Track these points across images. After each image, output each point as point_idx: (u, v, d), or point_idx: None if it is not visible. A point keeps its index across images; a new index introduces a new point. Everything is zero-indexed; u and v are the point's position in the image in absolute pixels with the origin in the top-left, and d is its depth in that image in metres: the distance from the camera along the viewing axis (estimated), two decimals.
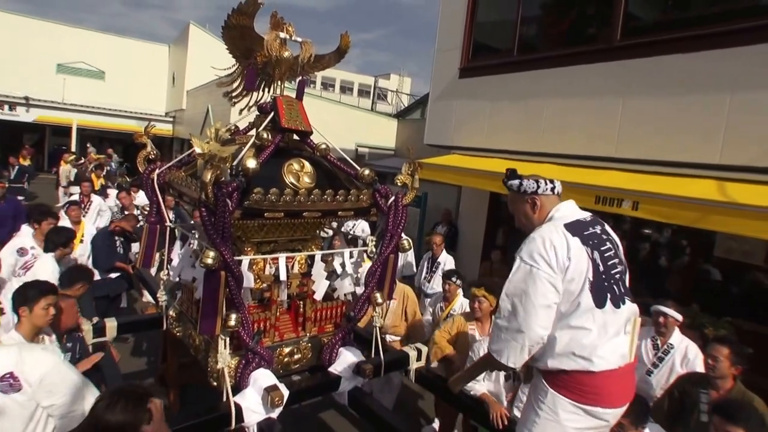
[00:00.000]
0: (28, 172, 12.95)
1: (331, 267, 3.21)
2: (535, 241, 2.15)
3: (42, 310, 2.89)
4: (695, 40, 5.16)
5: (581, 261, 2.12)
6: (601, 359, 2.08)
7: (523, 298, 2.10)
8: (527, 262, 2.13)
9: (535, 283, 2.08)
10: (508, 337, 2.14)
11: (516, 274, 2.16)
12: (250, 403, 2.55)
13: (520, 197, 2.37)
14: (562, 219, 2.24)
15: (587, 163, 6.17)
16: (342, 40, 3.37)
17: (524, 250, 2.17)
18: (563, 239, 2.13)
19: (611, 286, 2.18)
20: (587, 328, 2.09)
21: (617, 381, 2.15)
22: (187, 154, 3.44)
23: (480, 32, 8.18)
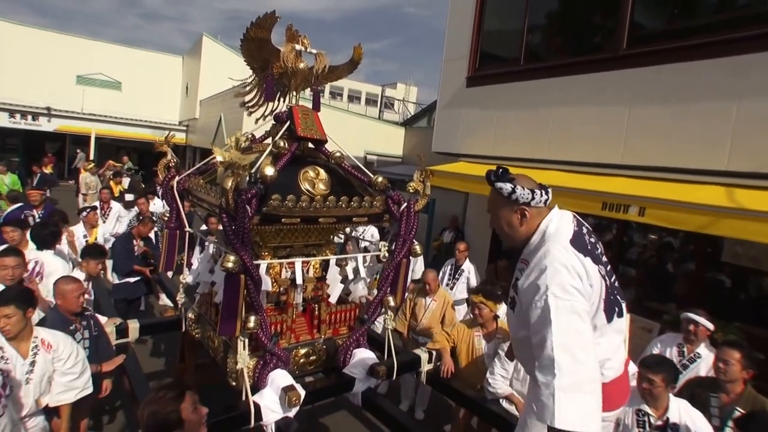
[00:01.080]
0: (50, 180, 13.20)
1: (344, 272, 3.31)
2: (560, 272, 1.88)
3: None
4: (702, 48, 5.20)
5: (597, 283, 1.97)
6: (610, 369, 2.04)
7: (579, 340, 1.80)
8: (564, 298, 1.84)
9: (582, 319, 1.84)
10: (585, 394, 1.76)
11: (558, 315, 1.81)
12: (268, 402, 2.64)
13: (508, 204, 2.09)
14: (562, 235, 2.02)
15: (594, 170, 6.23)
16: (355, 52, 3.49)
17: (554, 286, 1.85)
18: (580, 263, 1.92)
19: (616, 299, 2.09)
20: (599, 344, 1.98)
21: (621, 384, 2.14)
22: (205, 162, 3.56)
23: (487, 42, 8.27)
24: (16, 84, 20.42)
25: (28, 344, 3.01)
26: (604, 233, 7.48)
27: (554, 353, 1.78)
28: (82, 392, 3.25)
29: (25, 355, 2.97)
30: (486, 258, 8.62)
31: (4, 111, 19.92)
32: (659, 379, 2.93)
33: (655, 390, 2.94)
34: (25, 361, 2.96)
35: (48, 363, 3.06)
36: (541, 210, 2.08)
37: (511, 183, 2.06)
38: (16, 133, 21.87)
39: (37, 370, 2.99)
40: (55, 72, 21.58)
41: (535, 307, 1.89)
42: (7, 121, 20.19)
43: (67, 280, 3.67)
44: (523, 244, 2.15)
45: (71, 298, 3.55)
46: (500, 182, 2.08)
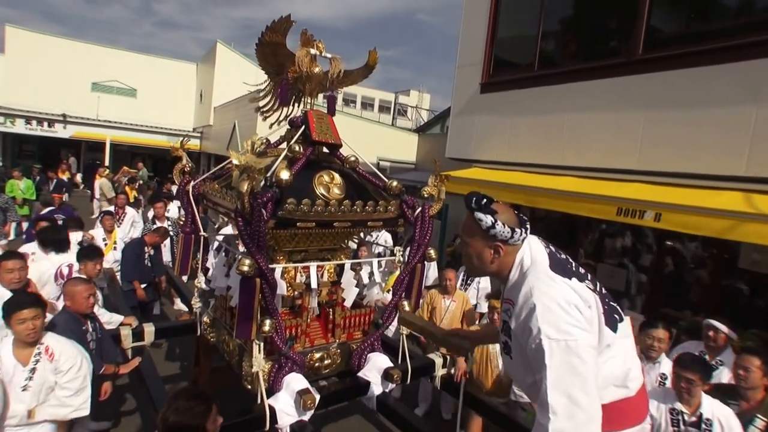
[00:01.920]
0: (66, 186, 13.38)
1: (359, 276, 3.31)
2: (550, 309, 1.77)
3: (19, 325, 2.88)
4: (719, 52, 5.15)
5: (592, 302, 1.87)
6: (634, 381, 1.97)
7: (577, 382, 1.71)
8: (559, 338, 1.73)
9: (581, 357, 1.72)
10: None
11: (553, 358, 1.72)
12: (284, 406, 2.64)
13: (484, 237, 1.94)
14: (540, 264, 1.91)
15: (609, 175, 6.18)
16: (370, 56, 3.50)
17: (547, 326, 1.75)
18: (570, 290, 1.83)
19: (613, 308, 2.00)
20: (613, 356, 1.91)
21: (644, 393, 2.07)
22: (220, 167, 3.58)
23: (501, 48, 8.27)
24: (33, 91, 20.78)
25: (32, 351, 2.97)
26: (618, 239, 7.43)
27: (549, 397, 1.71)
28: (76, 412, 3.16)
29: (25, 362, 2.93)
30: None
31: (20, 118, 20.23)
32: (697, 377, 3.03)
33: (693, 388, 3.03)
34: (25, 368, 2.92)
35: (48, 372, 3.00)
36: (515, 247, 1.96)
37: (492, 216, 1.90)
38: (32, 140, 22.24)
39: (36, 377, 2.94)
40: (70, 79, 21.93)
41: (531, 350, 1.80)
42: (23, 128, 20.51)
43: (75, 282, 3.70)
44: (501, 280, 2.07)
45: (80, 299, 3.57)
46: (480, 213, 1.92)
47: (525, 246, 1.97)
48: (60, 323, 3.48)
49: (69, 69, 21.90)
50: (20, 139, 22.14)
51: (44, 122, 20.78)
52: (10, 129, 20.32)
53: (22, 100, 20.23)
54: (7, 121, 19.97)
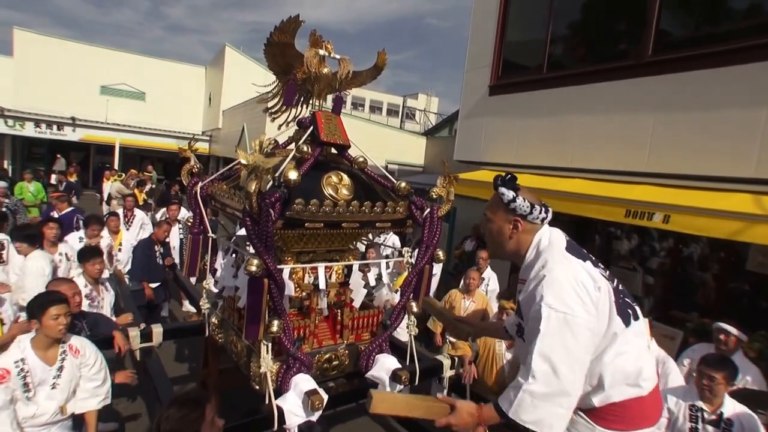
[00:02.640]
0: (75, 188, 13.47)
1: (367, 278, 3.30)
2: (560, 282, 1.82)
3: (51, 321, 2.87)
4: (729, 54, 5.11)
5: (605, 287, 1.90)
6: (647, 381, 1.94)
7: (563, 355, 1.75)
8: (559, 309, 1.78)
9: (574, 335, 1.76)
10: (548, 404, 1.76)
11: (548, 325, 1.77)
12: (291, 406, 2.64)
13: (505, 211, 2.04)
14: (556, 245, 1.99)
15: (618, 177, 6.15)
16: (379, 57, 3.50)
17: (550, 296, 1.80)
18: (583, 270, 1.88)
19: (626, 302, 2.00)
20: (626, 352, 1.90)
21: (656, 397, 2.04)
22: (228, 168, 3.59)
23: (510, 50, 8.25)
24: (42, 94, 20.91)
25: (57, 350, 2.97)
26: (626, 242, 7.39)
27: (533, 360, 1.77)
28: (104, 401, 3.22)
29: (52, 362, 2.93)
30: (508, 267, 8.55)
31: (30, 121, 20.30)
32: (721, 376, 3.05)
33: (715, 387, 3.05)
34: (52, 367, 2.92)
35: (76, 368, 3.04)
36: (534, 226, 2.04)
37: (514, 191, 2.01)
38: (41, 143, 22.32)
39: (65, 375, 2.96)
40: (79, 82, 22.07)
41: (531, 317, 1.86)
42: (32, 131, 20.58)
43: (59, 282, 3.66)
44: (519, 261, 2.11)
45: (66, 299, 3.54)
46: (504, 188, 2.04)
47: (545, 229, 2.05)
48: None
49: (78, 72, 22.04)
50: (29, 142, 22.23)
51: (53, 125, 20.84)
52: (20, 132, 20.40)
53: (31, 103, 20.33)
54: (16, 124, 20.05)
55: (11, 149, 21.54)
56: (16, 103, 20.19)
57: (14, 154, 21.83)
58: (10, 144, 21.34)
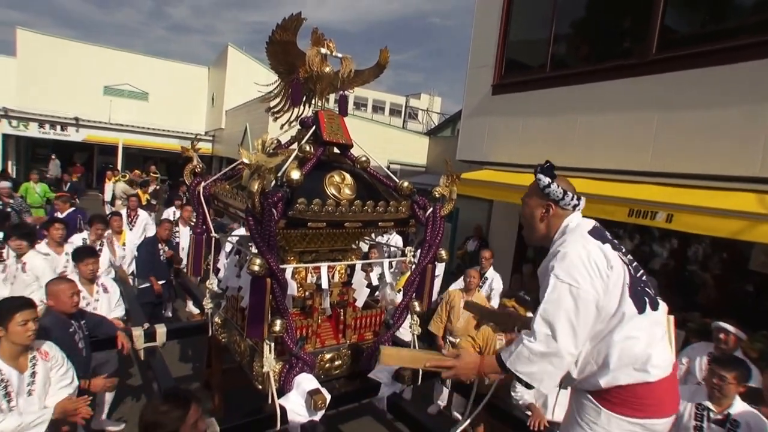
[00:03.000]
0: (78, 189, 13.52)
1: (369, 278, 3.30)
2: (571, 258, 1.97)
3: (19, 327, 2.74)
4: (733, 51, 5.09)
5: (619, 268, 2.00)
6: (656, 368, 1.97)
7: (563, 322, 1.91)
8: (565, 281, 1.93)
9: (576, 305, 1.91)
10: (544, 362, 1.94)
11: (553, 293, 1.94)
12: (294, 406, 2.64)
13: (539, 196, 2.20)
14: (581, 227, 2.11)
15: (621, 177, 6.13)
16: (381, 55, 3.48)
17: (559, 268, 1.97)
18: (599, 250, 1.99)
19: (645, 290, 2.07)
20: (636, 337, 1.97)
21: (670, 387, 2.06)
22: (231, 168, 3.59)
23: (513, 49, 8.23)
24: (45, 94, 20.91)
25: (27, 356, 2.85)
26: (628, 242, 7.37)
27: (535, 324, 1.97)
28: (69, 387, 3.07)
29: (23, 369, 2.81)
30: (510, 266, 8.55)
31: (33, 121, 20.32)
32: (731, 376, 3.02)
33: (725, 387, 3.03)
34: (25, 374, 2.81)
35: (47, 371, 2.94)
36: (565, 212, 2.17)
37: (550, 177, 2.17)
38: (45, 143, 22.35)
39: (38, 380, 2.86)
40: (83, 82, 22.07)
41: (542, 288, 2.02)
42: (36, 132, 20.60)
43: (58, 281, 3.62)
44: (547, 245, 2.21)
45: (64, 298, 3.46)
46: (541, 174, 2.19)
47: (575, 215, 2.18)
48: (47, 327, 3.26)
49: (81, 72, 22.05)
50: (33, 142, 22.28)
51: (57, 126, 20.84)
52: (24, 133, 20.44)
53: (34, 103, 20.34)
54: (20, 125, 20.08)
55: (15, 150, 21.56)
56: (19, 103, 20.22)
57: (18, 155, 21.86)
58: (14, 145, 21.34)
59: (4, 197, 8.85)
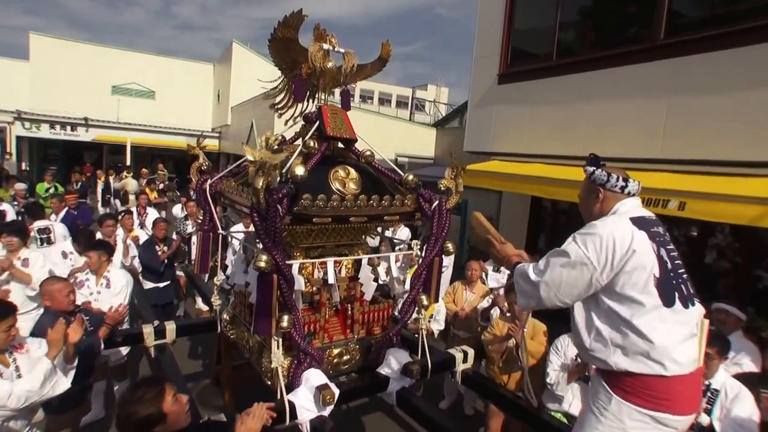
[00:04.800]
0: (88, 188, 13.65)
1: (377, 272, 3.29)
2: (597, 232, 2.06)
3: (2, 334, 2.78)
4: (744, 34, 4.97)
5: (645, 254, 2.02)
6: (674, 363, 1.96)
7: (559, 267, 2.09)
8: (580, 245, 2.07)
9: (575, 263, 2.05)
10: (528, 285, 2.20)
11: (565, 246, 2.12)
12: (303, 401, 2.64)
13: (590, 184, 2.32)
14: (628, 213, 2.16)
15: (631, 165, 6.04)
16: (383, 49, 3.46)
17: (584, 232, 2.11)
18: (628, 232, 2.04)
19: (679, 285, 2.08)
20: (655, 328, 1.97)
21: (688, 386, 2.04)
22: (237, 164, 3.58)
23: (518, 37, 8.13)
24: (56, 96, 21.14)
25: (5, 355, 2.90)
26: None
27: (544, 257, 2.19)
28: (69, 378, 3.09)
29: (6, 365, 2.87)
30: None
31: (45, 123, 20.56)
32: (714, 351, 3.07)
33: (710, 362, 3.06)
34: (10, 368, 2.86)
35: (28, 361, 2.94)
36: (617, 195, 2.24)
37: (594, 166, 2.32)
38: (56, 144, 22.58)
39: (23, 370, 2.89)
40: (91, 83, 22.26)
41: None
42: (47, 133, 20.83)
43: (53, 280, 3.62)
44: None
45: (60, 297, 3.48)
46: (588, 165, 2.35)
47: (630, 201, 2.23)
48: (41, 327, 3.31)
49: (89, 73, 22.24)
50: (45, 143, 22.50)
51: (67, 126, 21.04)
52: (36, 134, 20.69)
53: (46, 105, 20.59)
54: (33, 127, 20.33)
55: (28, 151, 21.82)
56: (32, 105, 20.49)
57: (31, 156, 22.12)
58: (27, 146, 21.61)
59: (20, 198, 8.96)
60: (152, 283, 6.16)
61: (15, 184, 9.74)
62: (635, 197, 2.26)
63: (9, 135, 20.06)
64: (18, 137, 20.41)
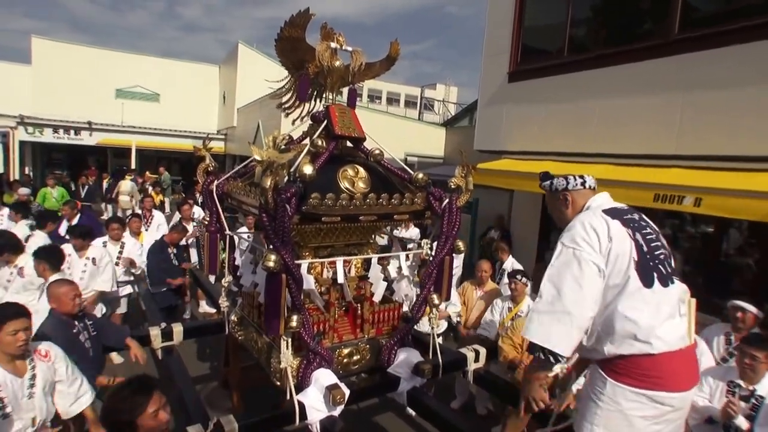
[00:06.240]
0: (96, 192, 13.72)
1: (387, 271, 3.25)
2: (575, 227, 2.16)
3: (9, 336, 2.68)
4: (759, 29, 4.92)
5: (623, 241, 2.10)
6: (660, 340, 2.03)
7: (568, 281, 2.06)
8: (569, 245, 2.12)
9: (580, 265, 2.06)
10: (552, 320, 2.06)
11: (558, 258, 2.13)
12: (313, 401, 2.61)
13: (554, 196, 2.43)
14: (600, 206, 2.26)
15: (645, 161, 5.98)
16: (392, 48, 3.43)
17: (565, 237, 2.17)
18: (603, 222, 2.13)
19: (656, 266, 2.14)
20: (639, 309, 2.04)
21: (679, 363, 2.09)
22: (243, 165, 3.56)
23: (528, 35, 8.08)
24: (59, 100, 21.02)
25: (25, 360, 2.81)
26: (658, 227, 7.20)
27: (543, 285, 2.13)
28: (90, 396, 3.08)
29: (22, 373, 2.77)
30: (534, 255, 8.45)
31: (48, 127, 20.46)
32: (763, 355, 3.09)
33: (757, 366, 3.10)
34: (24, 377, 2.77)
35: (48, 373, 2.88)
36: (582, 192, 2.36)
37: (549, 179, 2.44)
38: (60, 148, 22.53)
39: (38, 381, 2.81)
40: (95, 86, 22.12)
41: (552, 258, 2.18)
42: (51, 137, 20.72)
43: (59, 283, 3.55)
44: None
45: (66, 300, 3.41)
46: (543, 182, 2.48)
47: (599, 196, 2.36)
48: (49, 330, 3.26)
49: (93, 76, 22.09)
50: (48, 148, 22.42)
51: (71, 130, 20.92)
52: (39, 138, 20.61)
53: (49, 109, 20.47)
54: (36, 131, 20.26)
55: (32, 156, 21.78)
56: (35, 110, 20.36)
57: (34, 161, 22.07)
58: (30, 150, 21.55)
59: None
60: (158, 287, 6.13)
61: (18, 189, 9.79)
62: (605, 193, 2.38)
63: (12, 140, 19.97)
64: (21, 142, 20.31)
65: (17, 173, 18.61)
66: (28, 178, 15.82)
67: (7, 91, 20.13)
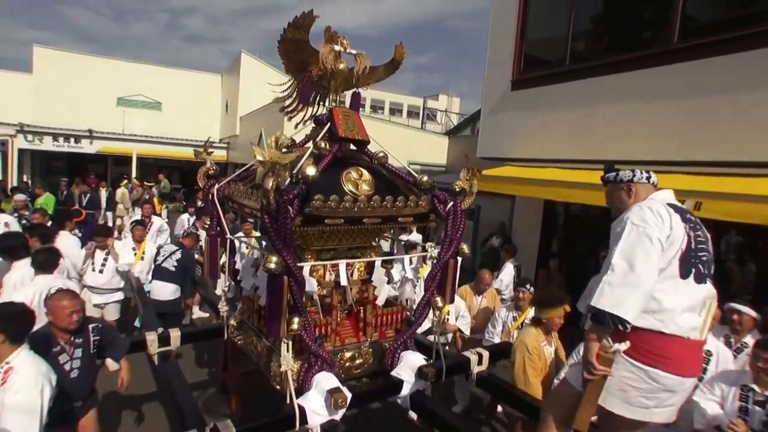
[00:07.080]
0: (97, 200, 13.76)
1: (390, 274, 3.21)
2: (643, 209, 2.26)
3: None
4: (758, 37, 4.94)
5: (679, 232, 2.23)
6: (675, 324, 2.17)
7: (640, 256, 2.15)
8: (638, 224, 2.21)
9: (651, 241, 2.16)
10: (624, 291, 2.13)
11: (630, 235, 2.21)
12: (314, 405, 2.57)
13: (617, 186, 2.54)
14: (664, 200, 2.37)
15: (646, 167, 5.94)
16: (396, 51, 3.41)
17: (634, 216, 2.25)
18: (666, 211, 2.25)
19: (696, 264, 2.26)
20: (667, 293, 2.18)
21: (685, 350, 2.22)
22: (245, 168, 3.53)
23: (531, 43, 8.11)
24: (60, 108, 21.10)
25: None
26: None
27: (614, 258, 2.20)
28: None
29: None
30: (535, 262, 8.41)
31: (48, 135, 20.42)
32: None
33: None
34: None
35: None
36: (647, 186, 2.48)
37: (614, 171, 2.57)
38: (60, 156, 22.47)
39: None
40: (96, 95, 22.22)
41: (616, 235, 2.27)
42: (51, 145, 20.68)
43: (60, 296, 3.31)
44: None
45: (62, 315, 3.23)
46: (608, 173, 2.59)
47: (661, 191, 2.48)
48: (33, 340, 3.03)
49: (95, 85, 22.20)
50: (48, 156, 22.39)
51: (71, 138, 20.88)
52: (39, 146, 20.55)
53: (49, 117, 20.49)
54: (35, 139, 20.23)
55: (31, 164, 21.71)
56: (35, 118, 20.42)
57: (33, 169, 22.00)
58: (29, 158, 21.48)
59: (20, 210, 8.96)
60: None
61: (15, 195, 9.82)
62: (669, 189, 2.50)
63: (11, 148, 19.90)
64: (20, 150, 20.26)
65: (15, 181, 18.57)
66: (25, 185, 15.78)
67: (8, 100, 20.23)
